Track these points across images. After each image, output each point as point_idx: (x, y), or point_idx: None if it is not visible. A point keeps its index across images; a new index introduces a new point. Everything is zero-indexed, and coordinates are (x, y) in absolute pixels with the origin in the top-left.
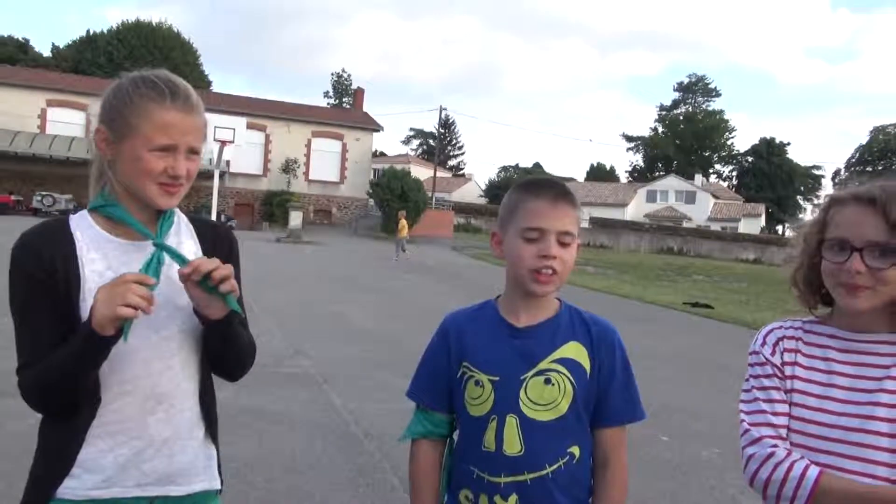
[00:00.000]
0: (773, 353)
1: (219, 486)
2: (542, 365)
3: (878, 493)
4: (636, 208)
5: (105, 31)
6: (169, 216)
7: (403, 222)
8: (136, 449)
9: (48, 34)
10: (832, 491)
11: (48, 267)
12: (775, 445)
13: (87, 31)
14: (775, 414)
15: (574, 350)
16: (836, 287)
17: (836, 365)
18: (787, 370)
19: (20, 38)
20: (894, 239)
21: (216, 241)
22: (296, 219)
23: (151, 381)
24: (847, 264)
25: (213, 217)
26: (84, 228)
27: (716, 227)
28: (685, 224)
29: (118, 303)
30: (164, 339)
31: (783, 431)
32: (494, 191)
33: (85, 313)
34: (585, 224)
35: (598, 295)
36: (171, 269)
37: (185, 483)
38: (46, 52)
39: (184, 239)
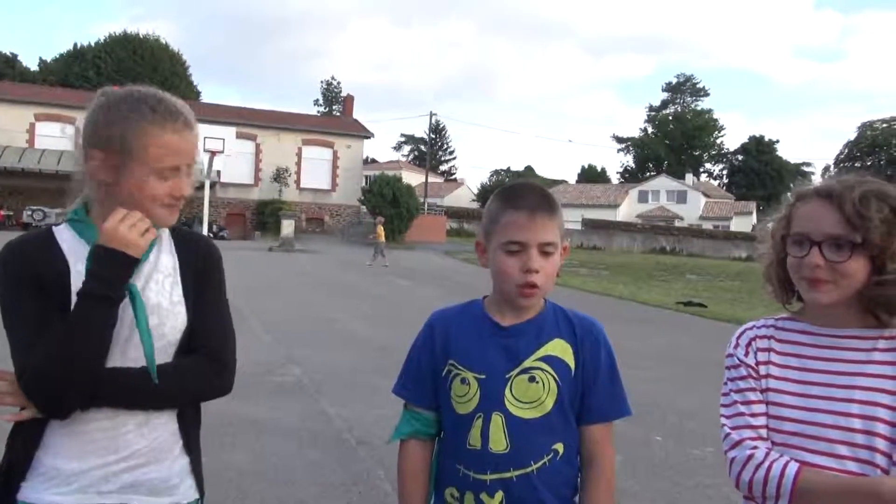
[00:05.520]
0: (746, 355)
1: (195, 497)
2: (527, 363)
3: (856, 485)
4: (628, 209)
5: (92, 44)
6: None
7: (380, 229)
8: (104, 459)
9: (35, 48)
10: (812, 485)
11: (40, 271)
12: (755, 447)
13: (75, 45)
14: (753, 415)
15: (559, 348)
16: (800, 281)
17: (809, 361)
18: (762, 370)
19: (8, 53)
20: (851, 232)
21: (196, 254)
22: (288, 227)
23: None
24: (807, 258)
25: (205, 227)
26: (69, 241)
27: (707, 225)
28: (677, 223)
29: (142, 229)
30: (138, 359)
31: (763, 431)
32: (487, 195)
33: None
34: (577, 225)
35: (592, 296)
36: (149, 293)
37: (154, 495)
38: (34, 67)
39: (162, 255)
